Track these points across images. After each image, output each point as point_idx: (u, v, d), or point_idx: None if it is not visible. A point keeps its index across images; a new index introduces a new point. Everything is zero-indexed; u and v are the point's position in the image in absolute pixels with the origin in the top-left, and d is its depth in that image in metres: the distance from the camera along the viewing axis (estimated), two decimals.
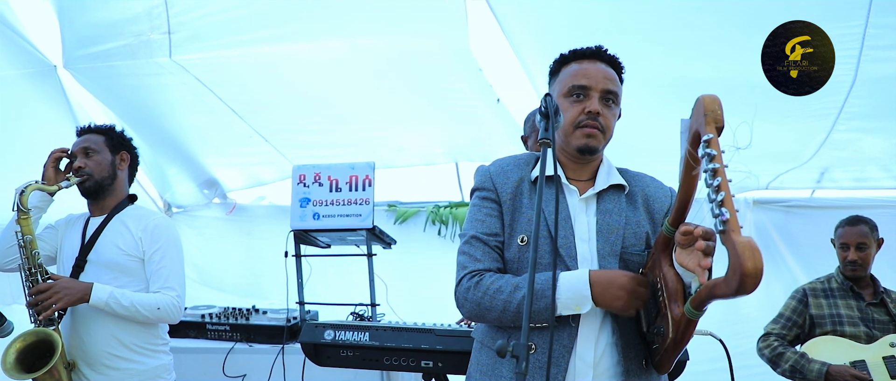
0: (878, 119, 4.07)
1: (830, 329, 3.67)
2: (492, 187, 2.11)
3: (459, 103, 4.44)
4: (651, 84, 4.12)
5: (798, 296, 3.85)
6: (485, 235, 2.07)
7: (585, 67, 2.07)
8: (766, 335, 3.84)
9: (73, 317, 3.02)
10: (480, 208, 2.12)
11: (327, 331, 3.09)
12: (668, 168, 5.05)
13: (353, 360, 3.07)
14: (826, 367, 3.53)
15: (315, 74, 4.33)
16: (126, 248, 3.02)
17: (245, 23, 4.00)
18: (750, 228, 5.04)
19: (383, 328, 3.07)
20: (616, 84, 2.07)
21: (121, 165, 3.19)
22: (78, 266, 3.02)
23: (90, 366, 3.01)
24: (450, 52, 4.06)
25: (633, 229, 2.04)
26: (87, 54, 4.19)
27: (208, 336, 4.00)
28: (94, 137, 3.17)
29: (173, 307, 3.02)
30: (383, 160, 4.91)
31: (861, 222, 3.74)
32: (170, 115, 4.68)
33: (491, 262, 2.05)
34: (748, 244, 1.38)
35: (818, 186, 4.89)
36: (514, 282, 1.96)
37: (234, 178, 5.41)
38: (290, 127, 4.84)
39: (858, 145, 4.34)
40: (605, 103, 2.04)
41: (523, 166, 2.14)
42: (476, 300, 1.99)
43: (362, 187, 3.84)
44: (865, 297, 3.73)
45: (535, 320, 1.93)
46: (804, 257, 4.92)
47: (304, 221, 3.87)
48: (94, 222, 3.12)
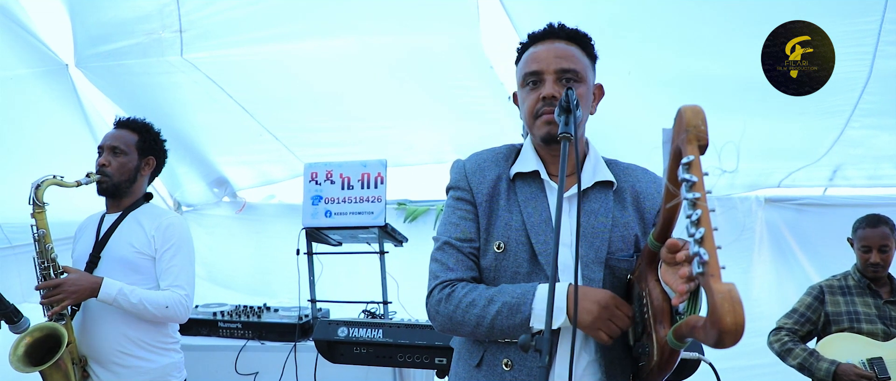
0: (893, 116, 4.04)
1: (847, 326, 3.65)
2: (467, 187, 1.94)
3: (470, 101, 4.43)
4: (662, 81, 4.11)
5: (815, 293, 3.82)
6: (458, 240, 1.90)
7: (537, 50, 1.91)
8: (778, 329, 3.82)
9: (84, 314, 3.04)
10: (455, 209, 1.95)
11: (341, 328, 3.09)
12: None
13: (366, 357, 3.08)
14: (834, 366, 3.52)
15: (325, 71, 4.33)
16: (139, 246, 3.03)
17: (255, 21, 3.99)
18: (761, 226, 5.02)
19: (397, 325, 3.07)
20: (574, 60, 1.87)
21: (144, 170, 3.19)
22: (91, 262, 3.03)
23: (101, 364, 3.02)
24: (461, 49, 4.05)
25: (621, 231, 1.86)
26: (99, 53, 4.19)
27: (220, 334, 4.02)
28: (127, 135, 3.16)
29: (181, 306, 3.02)
30: (393, 158, 4.88)
31: (882, 223, 3.70)
32: (180, 113, 4.68)
33: (464, 270, 1.89)
34: (728, 295, 1.21)
35: (831, 184, 4.85)
36: (488, 295, 1.79)
37: (244, 176, 5.41)
38: (300, 125, 4.83)
39: (872, 142, 4.31)
40: (563, 84, 1.84)
41: (502, 162, 1.97)
42: (447, 314, 1.84)
43: (375, 185, 3.84)
44: (882, 295, 3.71)
45: (510, 335, 1.79)
46: (816, 255, 4.89)
47: (317, 218, 3.87)
48: (110, 218, 3.14)
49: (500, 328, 1.77)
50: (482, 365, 1.88)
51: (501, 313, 1.76)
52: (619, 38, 3.88)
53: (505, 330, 1.77)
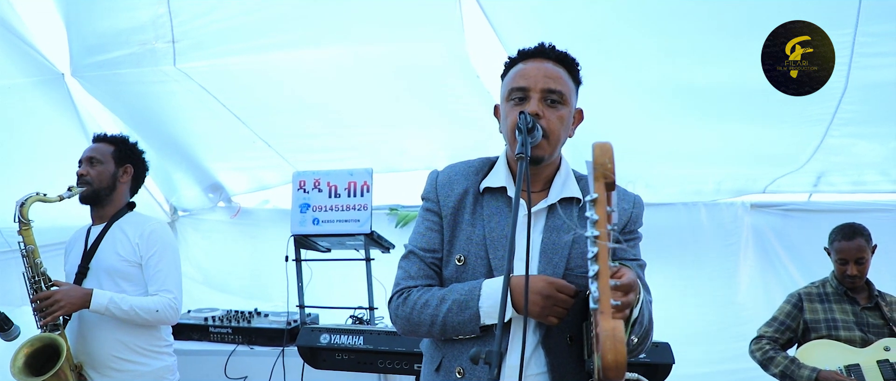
0: (871, 124, 4.09)
1: (826, 333, 3.69)
2: (435, 199, 2.01)
3: (460, 108, 4.49)
4: (647, 87, 4.17)
5: (793, 300, 3.87)
6: (422, 250, 1.99)
7: (526, 67, 1.93)
8: (759, 338, 3.87)
9: (79, 322, 3.15)
10: (423, 219, 2.03)
11: (323, 335, 3.18)
12: (668, 171, 5.11)
13: (348, 363, 3.17)
14: (816, 373, 3.56)
15: (316, 80, 4.40)
16: (125, 254, 3.14)
17: (246, 31, 4.07)
18: (747, 231, 5.09)
19: (378, 332, 3.15)
20: (560, 82, 1.90)
21: (123, 178, 3.31)
22: (81, 273, 3.15)
23: (96, 369, 3.13)
24: (449, 59, 4.12)
25: (581, 247, 1.87)
26: (94, 62, 4.28)
27: (211, 339, 4.11)
28: (103, 147, 3.31)
29: (171, 309, 3.13)
30: (385, 164, 4.97)
31: (857, 235, 3.71)
32: (175, 121, 4.77)
33: (424, 279, 1.97)
34: (610, 334, 1.27)
35: (815, 190, 4.90)
36: (440, 295, 1.88)
37: (238, 182, 5.49)
38: (292, 132, 4.91)
39: (853, 150, 4.36)
40: (548, 104, 1.88)
41: (472, 176, 2.02)
42: (405, 316, 1.93)
43: (361, 193, 3.91)
44: (860, 301, 3.75)
45: (462, 331, 1.86)
46: (802, 260, 4.93)
47: (304, 226, 3.96)
48: (96, 230, 3.26)
49: (451, 325, 1.86)
50: (440, 370, 1.96)
51: (451, 310, 1.85)
52: (603, 46, 3.94)
53: (456, 327, 1.86)
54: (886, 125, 4.11)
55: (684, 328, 4.99)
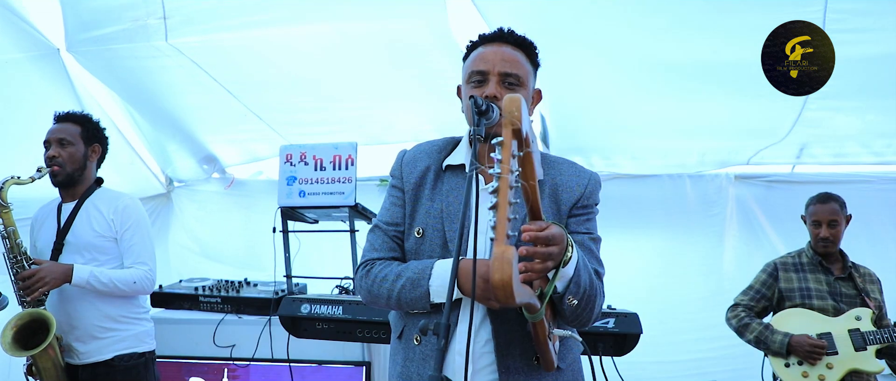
0: (847, 98, 4.14)
1: (799, 302, 3.80)
2: (400, 175, 2.14)
3: (444, 83, 4.53)
4: (630, 62, 4.22)
5: (769, 270, 3.97)
6: (386, 224, 2.12)
7: (485, 51, 2.02)
8: (735, 306, 3.98)
9: (60, 297, 3.28)
10: (389, 195, 2.17)
11: (304, 305, 3.28)
12: (652, 144, 5.14)
13: (328, 332, 3.27)
14: (788, 337, 3.68)
15: (304, 55, 4.46)
16: (100, 229, 3.27)
17: (235, 8, 4.12)
18: (732, 202, 5.16)
19: (357, 303, 3.25)
20: (518, 66, 2.00)
21: (92, 157, 3.41)
22: (56, 249, 3.27)
23: (81, 340, 3.28)
24: (431, 35, 4.16)
25: None
26: (89, 38, 4.34)
27: (201, 308, 4.21)
28: (70, 127, 3.37)
29: (147, 280, 3.30)
30: (373, 137, 5.04)
31: (831, 200, 3.84)
32: (168, 95, 4.84)
33: (387, 251, 2.09)
34: (500, 256, 1.38)
35: (798, 162, 4.96)
36: (397, 271, 2.00)
37: (231, 154, 5.57)
38: (282, 106, 4.99)
39: (831, 123, 4.41)
40: (505, 86, 1.98)
41: (435, 154, 2.13)
42: (367, 288, 2.07)
43: (346, 166, 3.99)
44: (834, 271, 3.84)
45: (415, 307, 1.98)
46: (785, 230, 5.01)
47: (291, 198, 4.04)
48: (67, 207, 3.36)
49: (405, 301, 2.00)
50: (402, 337, 2.12)
51: (405, 287, 1.98)
52: (583, 26, 3.99)
53: (409, 302, 1.99)
54: (861, 99, 4.16)
55: (670, 298, 5.10)
